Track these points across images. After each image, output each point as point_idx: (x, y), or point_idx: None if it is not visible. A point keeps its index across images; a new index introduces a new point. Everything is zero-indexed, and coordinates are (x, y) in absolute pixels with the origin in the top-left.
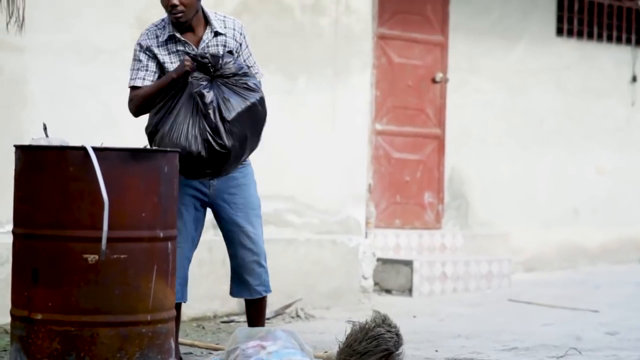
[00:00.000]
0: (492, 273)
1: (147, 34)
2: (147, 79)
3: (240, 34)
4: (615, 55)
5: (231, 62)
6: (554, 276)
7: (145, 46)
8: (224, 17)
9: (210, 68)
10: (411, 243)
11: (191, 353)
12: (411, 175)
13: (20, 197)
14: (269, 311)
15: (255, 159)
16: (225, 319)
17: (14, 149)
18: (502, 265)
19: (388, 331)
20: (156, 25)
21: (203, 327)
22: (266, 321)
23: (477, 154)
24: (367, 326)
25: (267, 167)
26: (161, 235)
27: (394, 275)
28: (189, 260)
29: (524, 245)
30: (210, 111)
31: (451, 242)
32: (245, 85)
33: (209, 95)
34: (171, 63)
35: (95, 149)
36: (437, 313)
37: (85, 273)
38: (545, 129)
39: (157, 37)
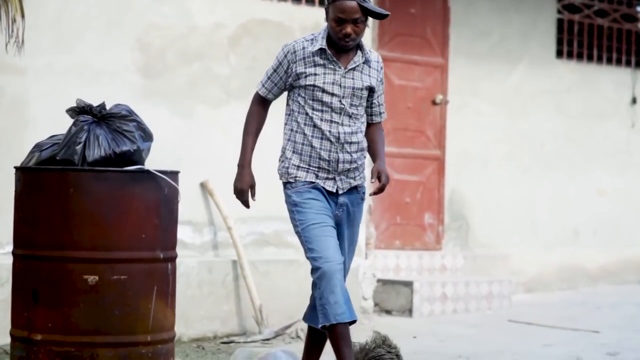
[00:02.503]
0: (493, 294)
1: (296, 42)
2: (272, 92)
3: (381, 68)
4: (615, 78)
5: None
6: (554, 297)
7: (287, 51)
8: (369, 49)
9: None
10: (411, 264)
11: None
12: (411, 196)
13: (20, 218)
14: (268, 331)
15: (256, 179)
16: (225, 339)
17: (14, 170)
18: (502, 286)
19: (388, 352)
20: (305, 39)
21: (203, 348)
22: (265, 342)
23: (478, 176)
24: (367, 347)
25: (267, 188)
26: (161, 256)
27: (394, 296)
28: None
29: (525, 266)
30: None
31: (451, 263)
32: None
33: None
34: (314, 75)
35: (95, 170)
36: (437, 334)
37: (85, 294)
38: (546, 151)
39: (304, 48)
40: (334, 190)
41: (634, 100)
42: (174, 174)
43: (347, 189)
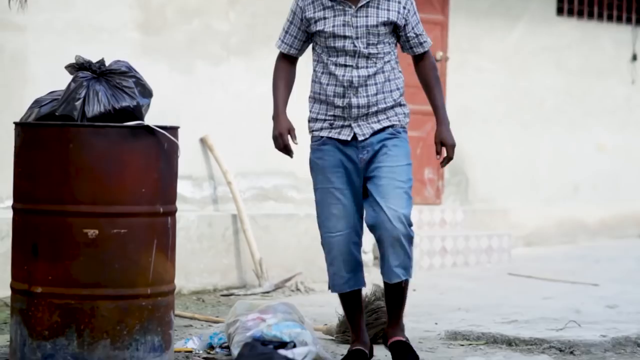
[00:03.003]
0: (492, 248)
1: None
2: (293, 47)
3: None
4: (616, 35)
5: None
6: (554, 251)
7: (300, 5)
8: None
9: None
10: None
11: (191, 325)
12: (411, 151)
13: (19, 173)
14: (268, 285)
15: (256, 134)
16: (225, 292)
17: (13, 125)
18: (502, 240)
19: None
20: None
21: (203, 301)
22: (265, 294)
23: (478, 132)
24: (367, 300)
25: (267, 143)
26: (161, 210)
27: None
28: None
29: (524, 221)
30: None
31: (451, 217)
32: None
33: None
34: (323, 19)
35: (94, 125)
36: (437, 287)
37: (85, 247)
38: (546, 108)
39: None
40: (349, 139)
41: (634, 57)
42: (173, 130)
43: (369, 134)
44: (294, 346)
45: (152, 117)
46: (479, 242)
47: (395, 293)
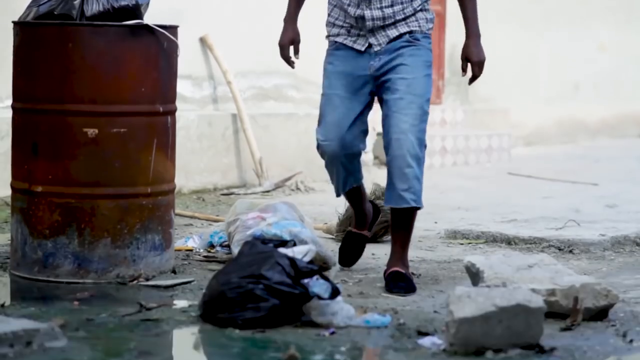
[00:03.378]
0: (492, 147)
1: None
2: None
3: None
4: None
5: None
6: (553, 150)
7: None
8: None
9: None
10: None
11: (191, 224)
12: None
13: (19, 72)
14: (268, 184)
15: (256, 34)
16: (225, 191)
17: (12, 25)
18: (502, 140)
19: None
20: None
21: (203, 200)
22: (265, 193)
23: None
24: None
25: (267, 43)
26: (161, 109)
27: None
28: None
29: (524, 120)
30: None
31: (451, 117)
32: None
33: None
34: None
35: (94, 25)
36: (436, 186)
37: (85, 146)
38: (546, 7)
39: None
40: (363, 49)
41: None
42: (173, 29)
43: (385, 42)
44: (294, 245)
45: (152, 17)
46: (479, 141)
47: (401, 221)
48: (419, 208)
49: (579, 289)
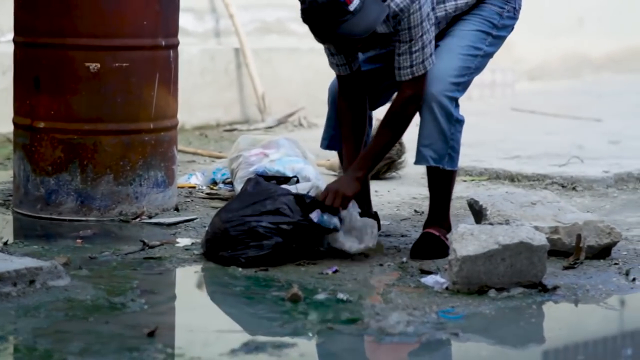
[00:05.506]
0: (496, 82)
1: None
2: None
3: None
4: None
5: None
6: (557, 85)
7: None
8: None
9: None
10: None
11: (194, 161)
12: None
13: (20, 5)
14: (271, 119)
15: None
16: (228, 127)
17: None
18: (505, 75)
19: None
20: None
21: (206, 136)
22: (268, 129)
23: None
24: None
25: None
26: (163, 43)
27: None
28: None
29: (528, 55)
30: None
31: None
32: None
33: None
34: None
35: None
36: None
37: (87, 81)
38: None
39: None
40: None
41: None
42: None
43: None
44: (297, 181)
45: None
46: (482, 76)
47: (429, 179)
48: (442, 169)
49: (582, 226)
